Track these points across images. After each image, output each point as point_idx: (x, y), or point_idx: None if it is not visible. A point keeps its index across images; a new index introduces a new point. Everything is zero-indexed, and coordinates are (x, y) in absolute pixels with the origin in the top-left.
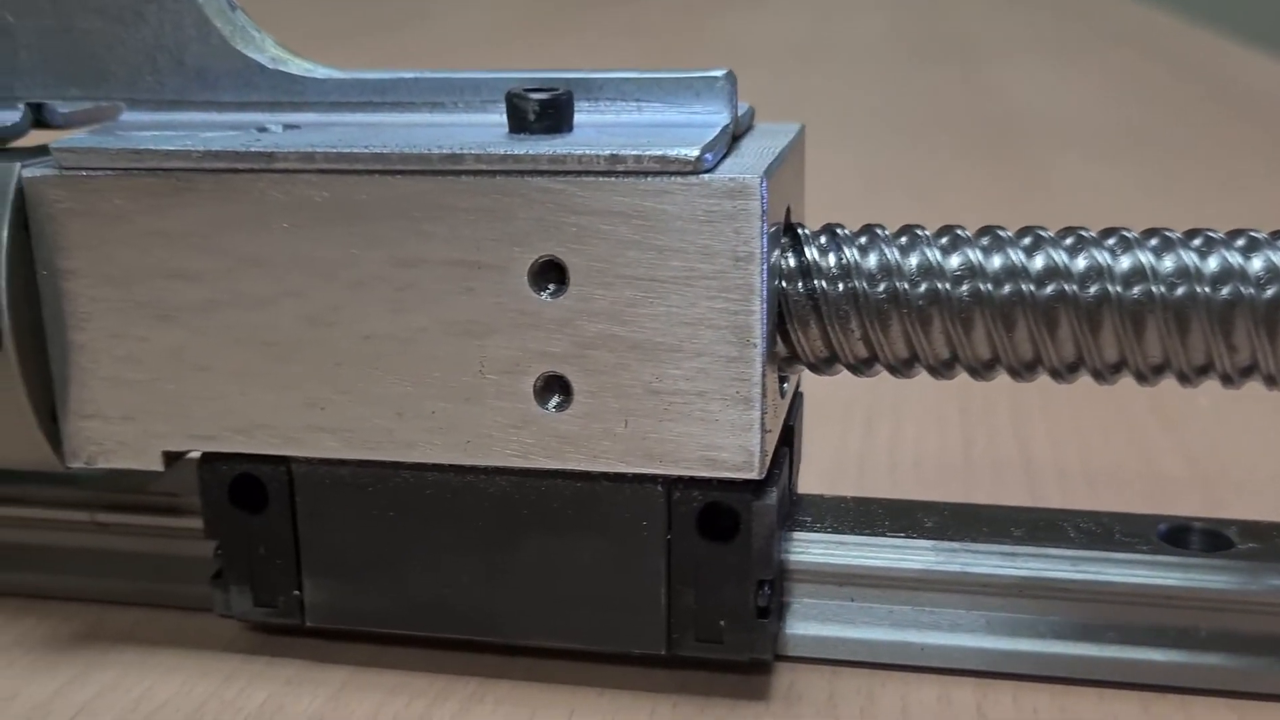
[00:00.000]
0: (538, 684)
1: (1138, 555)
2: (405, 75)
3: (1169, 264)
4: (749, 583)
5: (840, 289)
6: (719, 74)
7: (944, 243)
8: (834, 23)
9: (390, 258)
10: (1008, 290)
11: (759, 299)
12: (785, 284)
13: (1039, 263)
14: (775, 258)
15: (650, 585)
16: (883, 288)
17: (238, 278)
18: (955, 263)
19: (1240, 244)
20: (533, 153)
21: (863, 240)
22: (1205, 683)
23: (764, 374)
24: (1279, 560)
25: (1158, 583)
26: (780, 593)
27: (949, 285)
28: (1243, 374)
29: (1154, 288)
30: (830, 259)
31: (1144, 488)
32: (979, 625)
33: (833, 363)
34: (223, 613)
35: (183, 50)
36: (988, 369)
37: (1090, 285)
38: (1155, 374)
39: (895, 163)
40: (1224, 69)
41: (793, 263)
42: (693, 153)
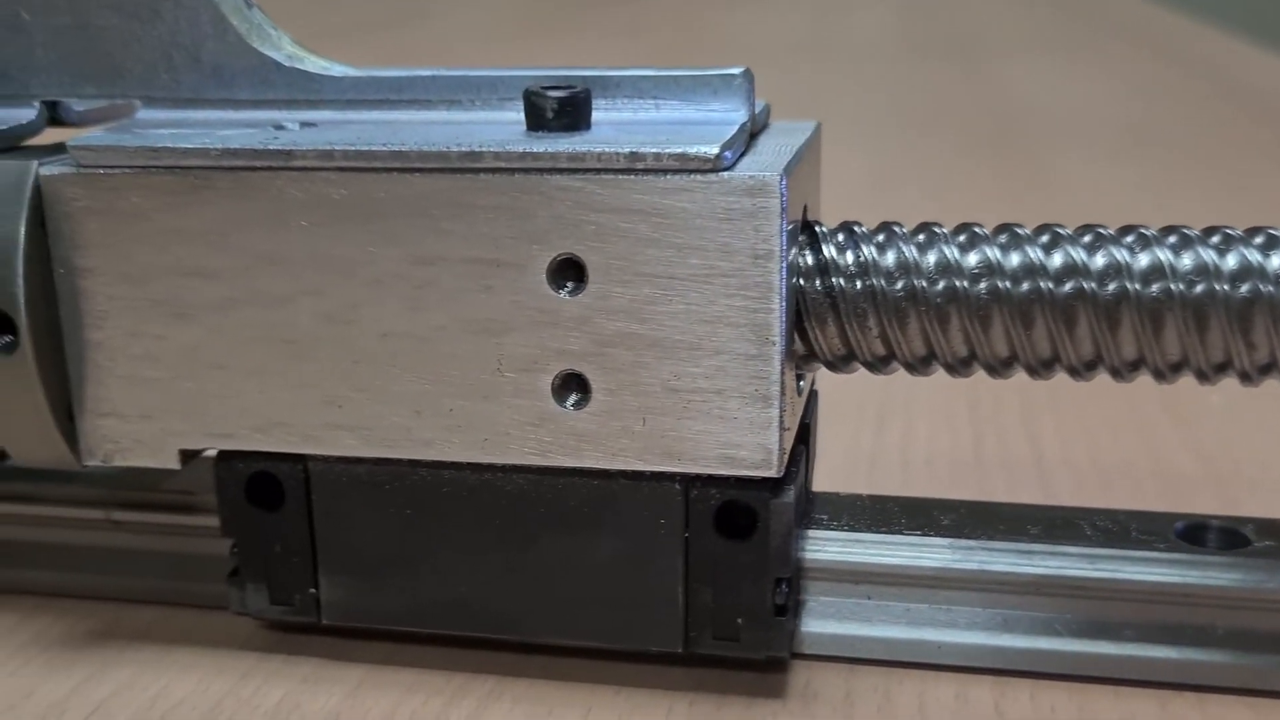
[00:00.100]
0: (554, 682)
1: (1155, 553)
2: (421, 73)
3: (1188, 261)
4: (766, 581)
5: (858, 287)
6: (737, 72)
7: (962, 240)
8: (836, 20)
9: (408, 255)
10: (1026, 288)
11: (778, 297)
12: (803, 282)
13: (1057, 260)
14: (793, 255)
15: (667, 583)
16: (901, 285)
17: (255, 276)
18: (973, 260)
19: (1259, 241)
20: (552, 150)
21: (880, 238)
22: (1222, 680)
23: (783, 372)
24: None
25: (1175, 581)
26: (796, 591)
27: (967, 283)
28: (1262, 371)
29: (1173, 285)
30: (848, 257)
31: (1157, 486)
32: (996, 623)
33: (850, 360)
34: (239, 611)
35: (199, 48)
36: (1005, 367)
37: (1109, 283)
38: (1173, 372)
39: (900, 160)
40: (1230, 67)
41: (810, 260)
42: (712, 150)
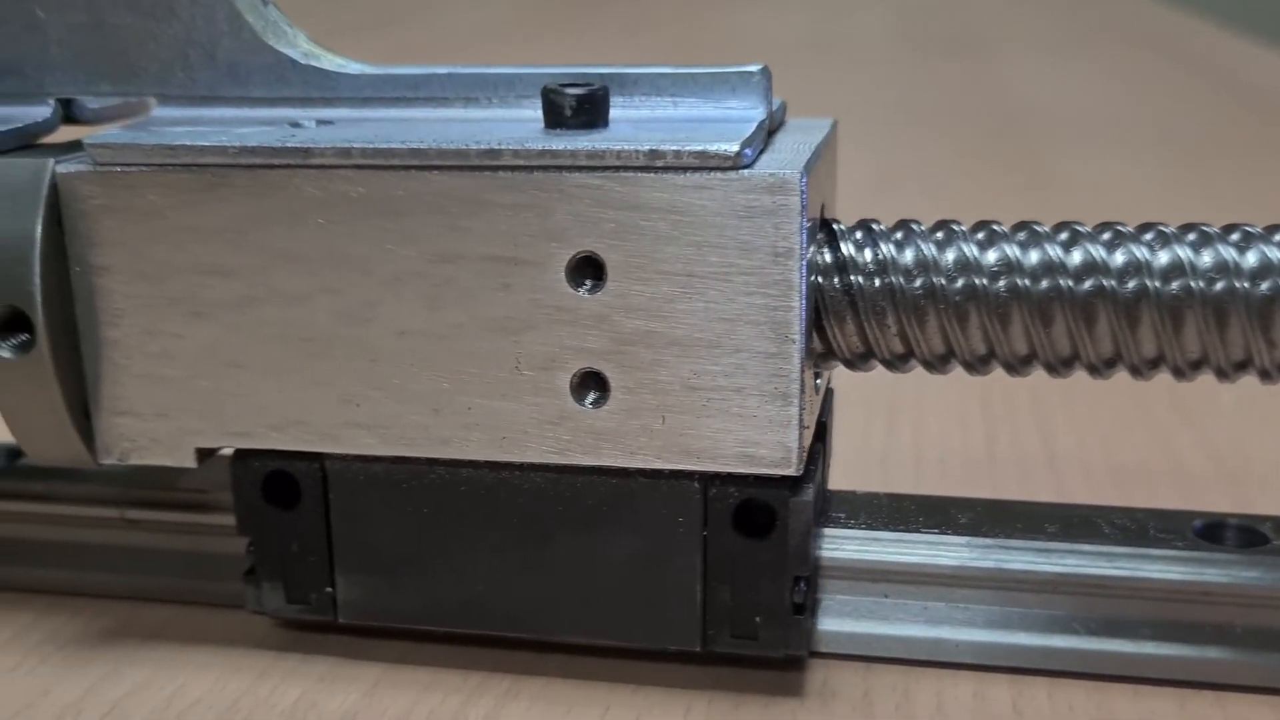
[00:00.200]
0: (572, 681)
1: (1173, 551)
2: (438, 70)
3: (1208, 258)
4: (785, 579)
5: (877, 284)
6: (755, 69)
7: (980, 237)
8: (837, 19)
9: (426, 254)
10: (1046, 285)
11: (798, 294)
12: (821, 279)
13: (1077, 258)
14: (811, 253)
15: (686, 582)
16: (919, 283)
17: (272, 274)
18: (992, 258)
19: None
20: (571, 148)
21: (899, 235)
22: (1242, 679)
23: (802, 370)
24: None
25: (1193, 579)
26: (814, 589)
27: (986, 280)
28: None
29: (1193, 283)
30: (866, 254)
31: (1169, 484)
32: (1014, 622)
33: (868, 358)
34: (255, 609)
35: (215, 45)
36: (1024, 365)
37: (1129, 280)
38: (1193, 370)
39: (902, 159)
40: (1234, 65)
41: (828, 258)
42: (732, 148)
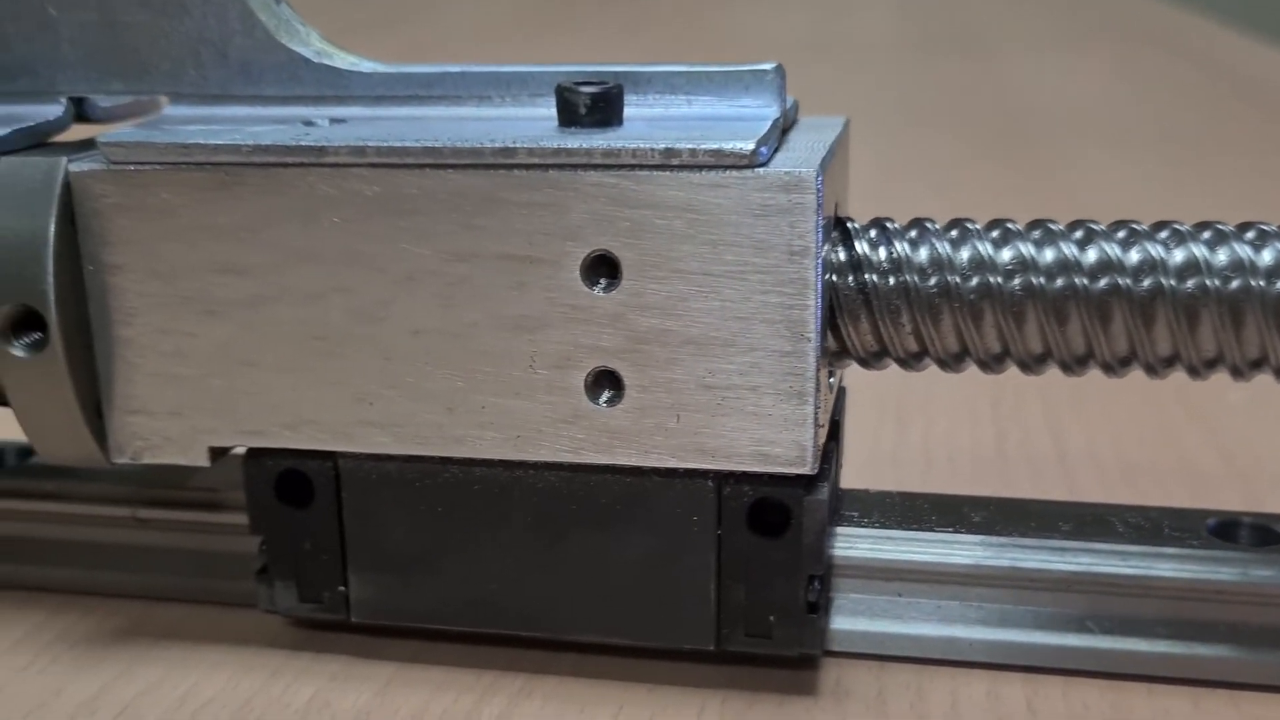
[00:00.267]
0: (585, 680)
1: (1187, 550)
2: (451, 69)
3: (1223, 257)
4: (799, 578)
5: (891, 283)
6: (769, 67)
7: (995, 236)
8: (839, 17)
9: (441, 252)
10: (1061, 284)
11: (814, 293)
12: (835, 278)
13: (1092, 256)
14: (826, 251)
15: (700, 580)
16: (934, 281)
17: (286, 273)
18: (1007, 256)
19: None
20: (586, 146)
21: (913, 234)
22: (1256, 678)
23: (818, 368)
24: None
25: (1208, 577)
26: (828, 588)
27: (1001, 279)
28: None
29: (1208, 281)
30: (881, 253)
31: (1179, 482)
32: (1028, 620)
33: (882, 357)
34: (267, 608)
35: (227, 43)
36: (1039, 363)
37: (1144, 278)
38: (1208, 368)
39: (906, 157)
40: (1238, 63)
41: (843, 256)
42: (748, 146)
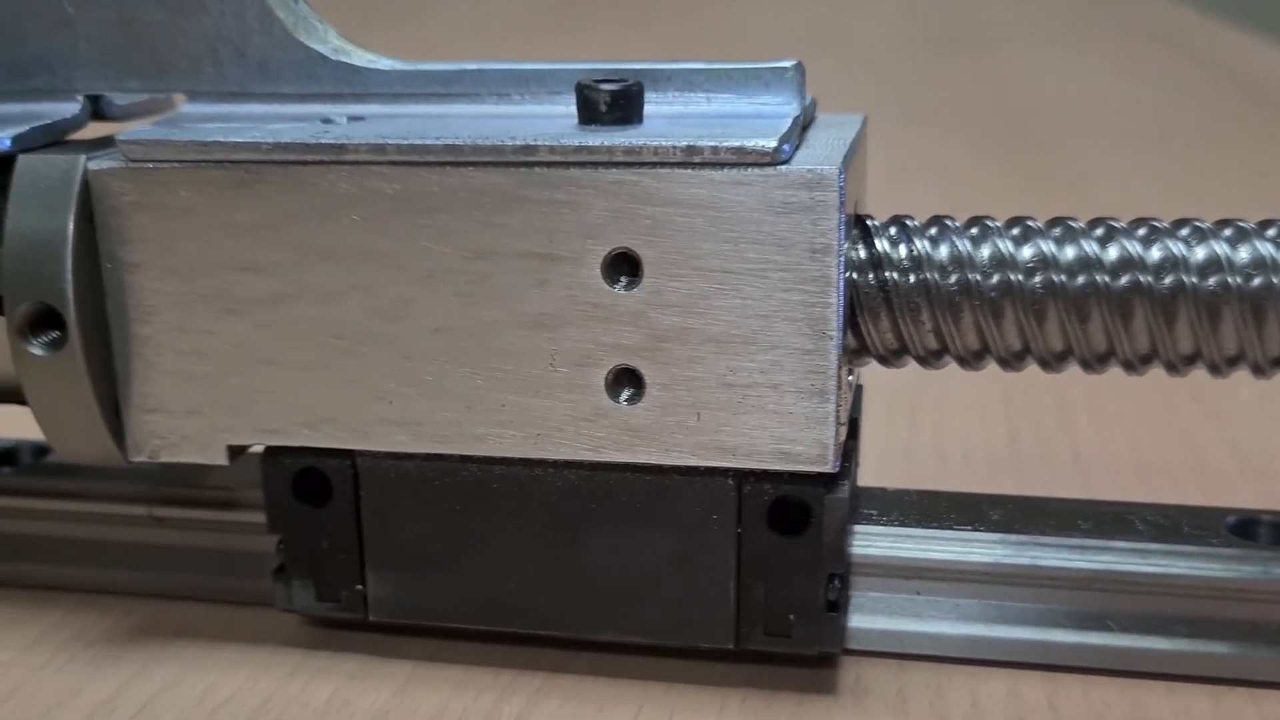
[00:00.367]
0: (603, 679)
1: (1207, 548)
2: (469, 66)
3: (1244, 254)
4: (819, 576)
5: (911, 280)
6: (789, 65)
7: (1015, 234)
8: (842, 14)
9: (461, 250)
10: (1082, 281)
11: (835, 291)
12: (856, 275)
13: (1113, 253)
14: (846, 249)
15: (719, 579)
16: (954, 279)
17: (305, 271)
18: (1028, 254)
19: None
20: (608, 144)
21: (933, 231)
22: (1277, 676)
23: (839, 366)
24: None
25: (1228, 575)
26: (846, 586)
27: (1022, 276)
28: None
29: (1230, 278)
30: (901, 250)
31: (1194, 480)
32: (1047, 619)
33: (902, 354)
34: (285, 607)
35: (245, 41)
36: (1060, 361)
37: (1165, 276)
38: (1229, 365)
39: (910, 156)
40: (1243, 62)
41: (863, 254)
42: (770, 144)
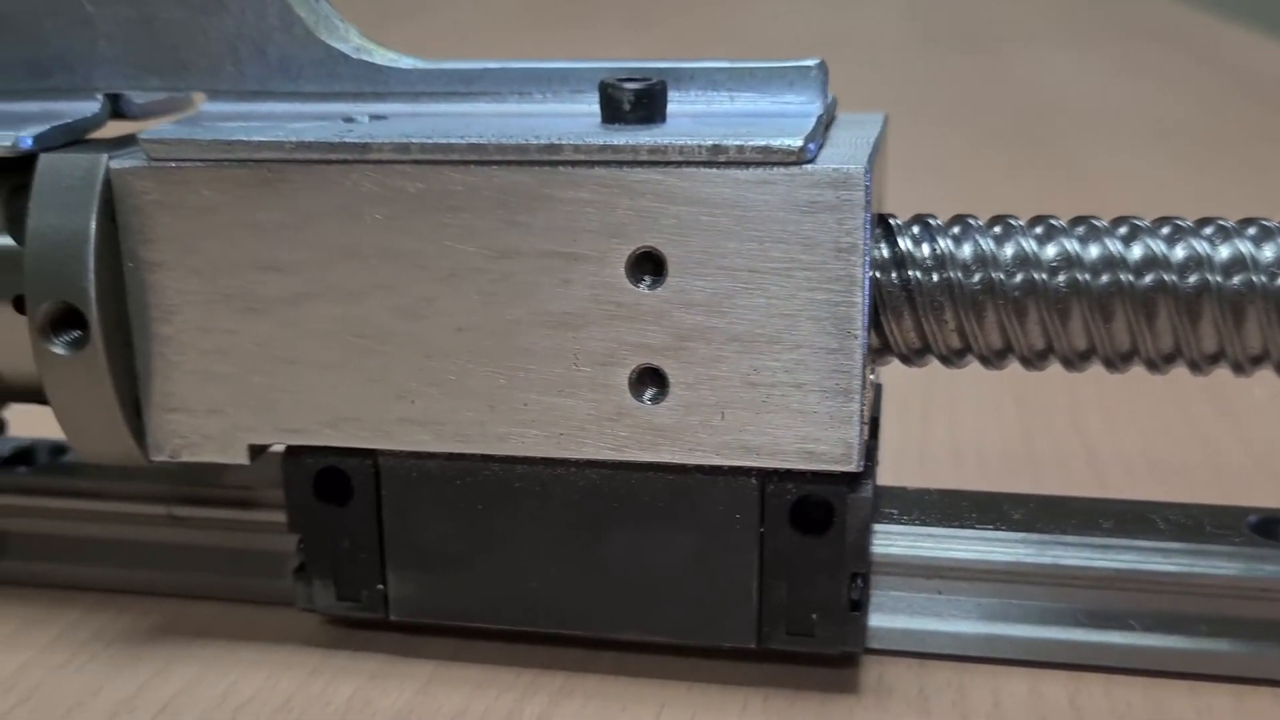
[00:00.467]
0: (625, 678)
1: (1229, 547)
2: (491, 65)
3: (1269, 253)
4: (842, 576)
5: (935, 279)
6: (812, 63)
7: (1039, 232)
8: (844, 12)
9: (485, 249)
10: (1106, 280)
11: (861, 290)
12: (879, 274)
13: (1137, 252)
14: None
15: (742, 578)
16: (978, 278)
17: (328, 270)
18: (1051, 252)
19: None
20: (633, 143)
21: (956, 230)
22: None
23: (864, 365)
24: None
25: (1249, 575)
26: (867, 585)
27: (1046, 275)
28: None
29: (1254, 277)
30: (924, 249)
31: (1209, 478)
32: (1069, 618)
33: (924, 354)
34: (305, 607)
35: (265, 40)
36: (1083, 360)
37: (1190, 275)
38: (1253, 365)
39: (914, 155)
40: (1247, 60)
41: (885, 253)
42: (796, 143)
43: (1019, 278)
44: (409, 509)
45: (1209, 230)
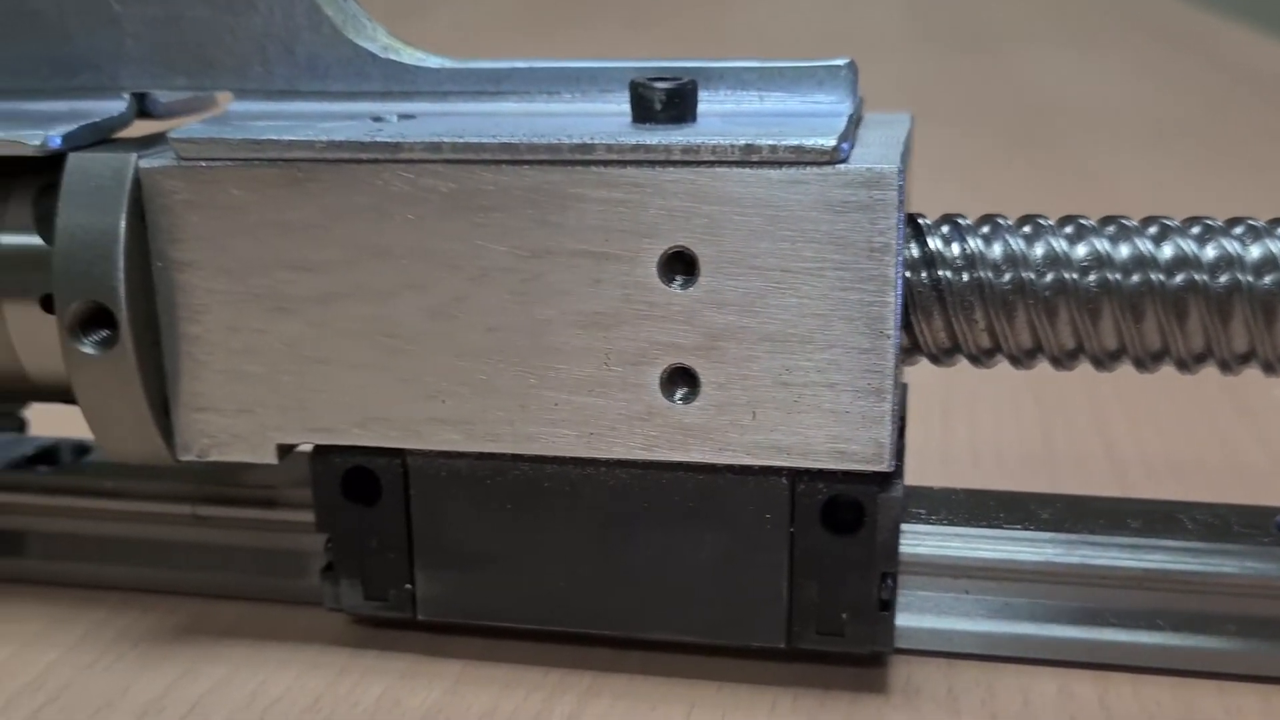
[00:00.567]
0: (653, 678)
1: (1257, 547)
2: (519, 64)
3: None
4: (873, 575)
5: (965, 279)
6: (842, 63)
7: (1069, 231)
8: (846, 11)
9: (516, 249)
10: (1137, 280)
11: (894, 290)
12: (909, 274)
13: (1168, 252)
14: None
15: (772, 578)
16: (1008, 278)
17: (358, 269)
18: (1082, 252)
19: None
20: (665, 143)
21: (986, 230)
22: None
23: (896, 365)
24: None
25: (1278, 575)
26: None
27: (1076, 275)
28: None
29: None
30: (954, 249)
31: (1233, 479)
32: (1098, 618)
33: (954, 353)
34: (332, 606)
35: (293, 39)
36: (1113, 360)
37: (1221, 275)
38: None
39: (919, 152)
40: (1249, 59)
41: (916, 253)
42: (829, 142)
43: (1049, 277)
44: (438, 509)
45: (1239, 230)
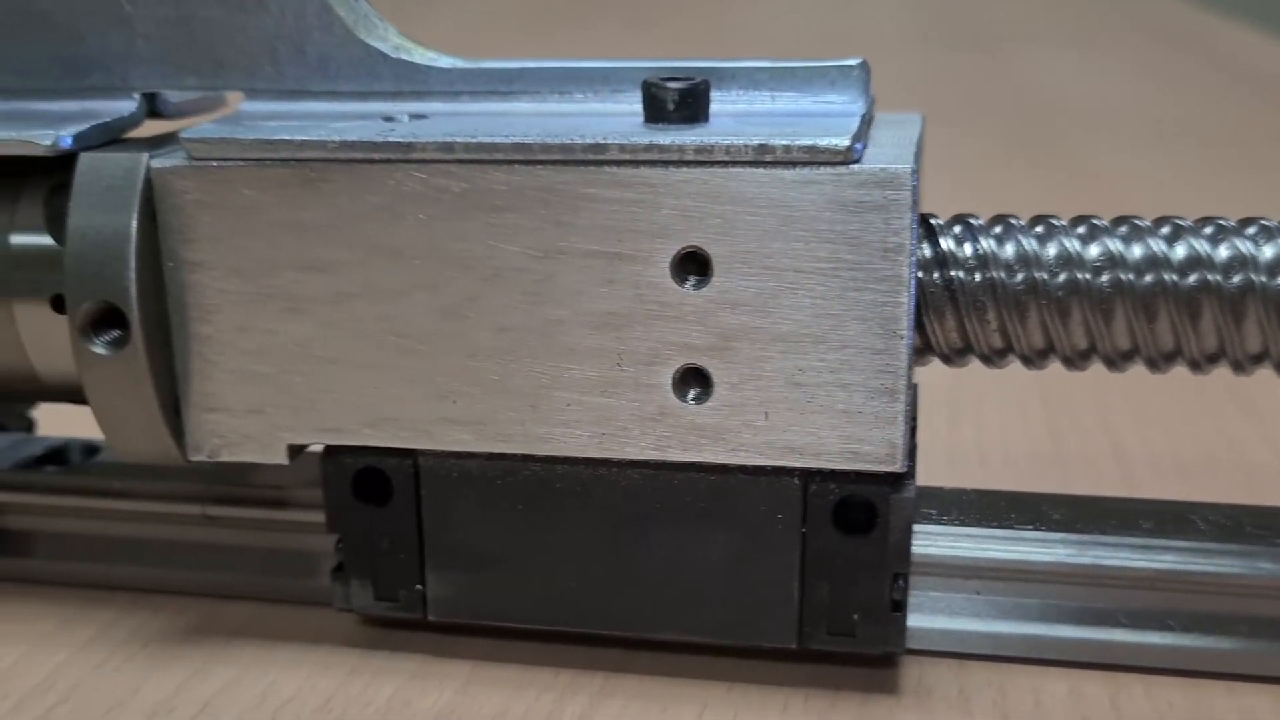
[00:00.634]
0: (664, 678)
1: (1270, 548)
2: (530, 64)
3: None
4: (885, 576)
5: (978, 279)
6: (854, 63)
7: (1081, 232)
8: (847, 10)
9: (529, 249)
10: (1149, 280)
11: (907, 290)
12: (921, 274)
13: (1181, 252)
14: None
15: (783, 579)
16: (1021, 278)
17: (370, 269)
18: (1095, 252)
19: None
20: (679, 143)
21: (998, 230)
22: None
23: (909, 366)
24: None
25: None
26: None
27: (1089, 275)
28: None
29: None
30: (967, 249)
31: (1238, 478)
32: (1109, 618)
33: (966, 353)
34: (343, 607)
35: (304, 39)
36: (1125, 360)
37: (1234, 275)
38: None
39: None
40: (1251, 59)
41: (928, 253)
42: (843, 142)
43: (1062, 277)
44: (448, 509)
45: (1252, 230)
